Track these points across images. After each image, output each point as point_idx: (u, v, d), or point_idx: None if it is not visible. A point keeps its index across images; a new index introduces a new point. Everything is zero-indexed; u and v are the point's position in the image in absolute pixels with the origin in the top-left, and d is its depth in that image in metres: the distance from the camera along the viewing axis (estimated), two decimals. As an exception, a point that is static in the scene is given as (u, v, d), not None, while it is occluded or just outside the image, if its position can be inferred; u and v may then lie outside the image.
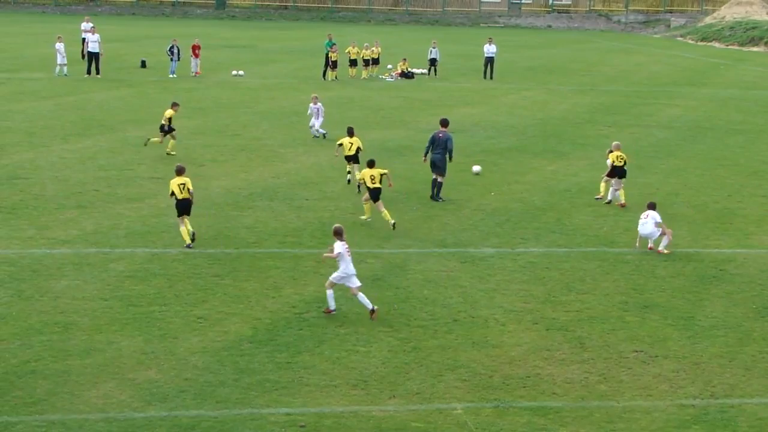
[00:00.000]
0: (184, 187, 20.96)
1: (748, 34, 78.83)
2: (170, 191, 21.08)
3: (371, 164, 23.27)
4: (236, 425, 13.57)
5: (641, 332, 17.44)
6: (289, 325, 17.15)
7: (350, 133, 26.73)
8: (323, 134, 33.35)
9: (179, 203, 21.00)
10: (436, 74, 52.61)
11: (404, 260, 20.92)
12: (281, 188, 26.67)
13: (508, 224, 23.96)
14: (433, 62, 52.99)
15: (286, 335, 16.68)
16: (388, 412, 14.18)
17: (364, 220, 23.43)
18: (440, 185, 25.77)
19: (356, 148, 26.38)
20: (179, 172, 21.24)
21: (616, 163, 25.86)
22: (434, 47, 53.03)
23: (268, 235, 22.33)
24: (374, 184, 22.89)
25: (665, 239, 22.03)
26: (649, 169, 30.88)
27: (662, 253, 21.91)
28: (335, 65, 49.58)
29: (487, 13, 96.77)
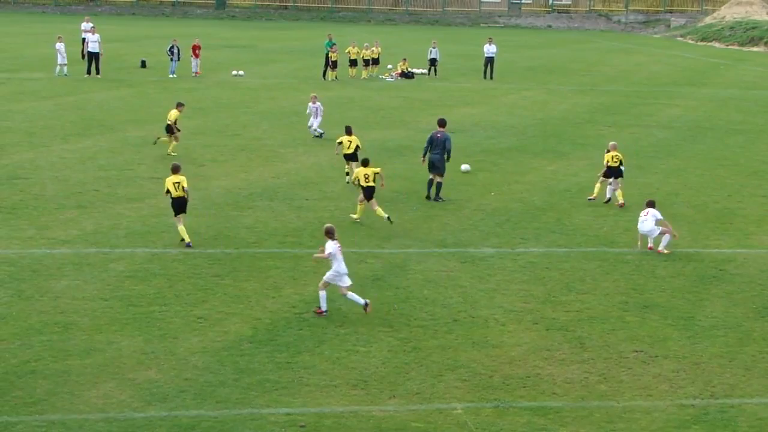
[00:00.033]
0: (179, 185, 21.08)
1: (748, 34, 78.85)
2: (165, 189, 21.25)
3: (365, 163, 23.36)
4: (236, 425, 13.57)
5: (641, 332, 17.44)
6: (289, 325, 17.15)
7: (348, 131, 26.76)
8: (320, 134, 33.37)
9: (174, 201, 21.14)
10: (436, 74, 52.61)
11: (404, 260, 20.92)
12: (281, 188, 26.67)
13: (508, 224, 23.97)
14: (433, 62, 52.98)
15: (286, 335, 16.68)
16: (388, 412, 14.18)
17: (354, 219, 23.42)
18: (440, 185, 25.76)
19: (355, 146, 26.42)
20: (175, 170, 21.40)
21: (610, 163, 25.84)
22: (434, 47, 53.03)
23: (268, 235, 22.33)
24: (368, 182, 22.97)
25: (665, 239, 22.02)
26: (649, 169, 30.89)
27: (662, 253, 21.91)
28: (335, 65, 49.58)
29: (487, 13, 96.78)
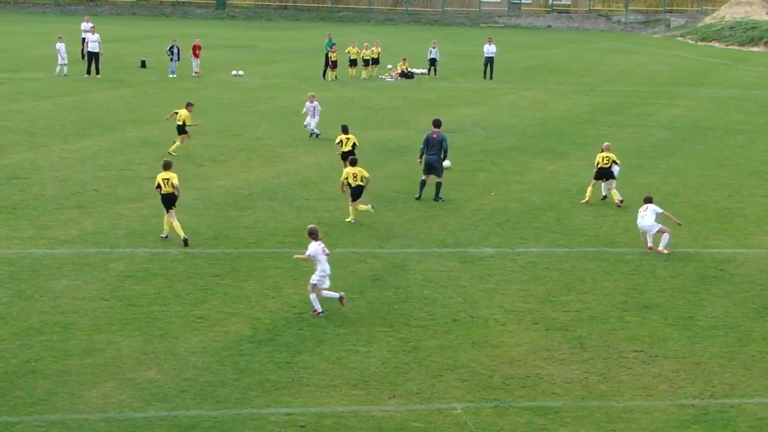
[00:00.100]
0: (168, 181, 21.34)
1: (748, 34, 78.85)
2: (156, 184, 21.58)
3: (353, 163, 23.41)
4: (236, 425, 13.57)
5: (641, 332, 17.44)
6: (289, 325, 17.15)
7: (345, 131, 26.78)
8: (316, 134, 33.36)
9: (164, 198, 21.46)
10: (436, 74, 52.60)
11: (404, 260, 20.92)
12: (281, 188, 26.67)
13: (508, 224, 23.96)
14: (433, 62, 52.98)
15: (286, 335, 16.68)
16: (388, 412, 14.18)
17: (349, 221, 23.41)
18: (439, 185, 25.74)
19: (352, 143, 26.46)
20: (166, 167, 21.66)
21: (601, 164, 25.81)
22: (434, 47, 53.02)
23: (268, 235, 22.33)
24: (356, 182, 23.04)
25: (664, 238, 22.01)
26: (649, 169, 30.88)
27: (662, 253, 21.91)
28: (335, 65, 49.57)
29: (487, 13, 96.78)
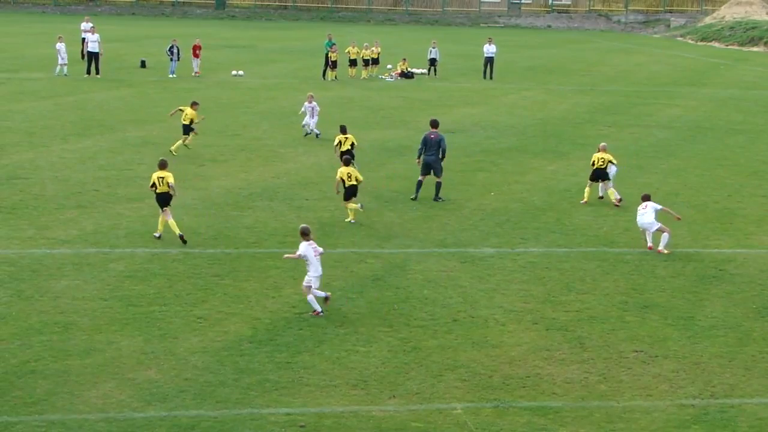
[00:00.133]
0: (163, 180, 21.41)
1: (748, 34, 78.86)
2: (150, 182, 21.64)
3: (347, 162, 23.47)
4: (236, 425, 13.57)
5: (641, 332, 17.44)
6: (289, 325, 17.15)
7: (343, 131, 26.78)
8: (316, 134, 33.38)
9: (158, 196, 21.52)
10: (436, 74, 52.60)
11: (404, 260, 20.92)
12: (281, 188, 26.68)
13: (508, 224, 23.96)
14: (432, 62, 52.98)
15: (286, 335, 16.68)
16: (388, 412, 14.18)
17: (349, 221, 23.41)
18: (439, 185, 25.75)
19: (350, 143, 26.46)
20: (162, 166, 21.71)
21: (597, 164, 25.79)
22: (434, 47, 53.01)
23: (268, 235, 22.32)
24: (350, 181, 23.09)
25: (664, 237, 22.01)
26: (649, 169, 30.88)
27: (662, 252, 21.90)
28: (335, 65, 49.57)
29: (487, 13, 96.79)
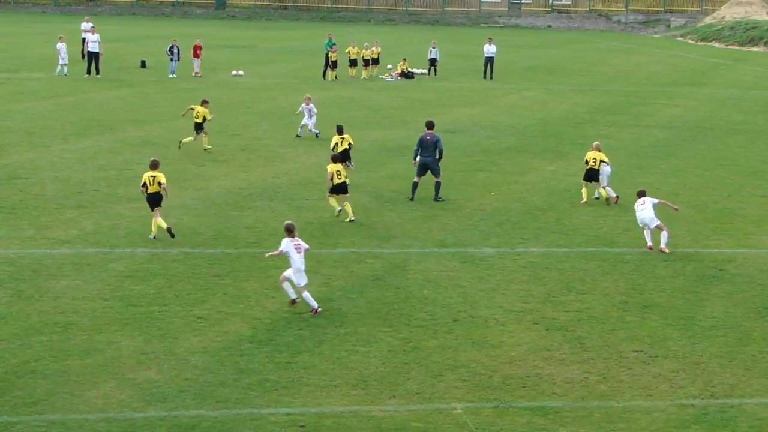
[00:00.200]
0: (154, 180, 21.40)
1: (748, 34, 78.85)
2: (142, 182, 21.59)
3: (335, 159, 23.59)
4: (236, 425, 13.57)
5: (641, 332, 17.43)
6: (289, 325, 17.15)
7: (339, 131, 26.77)
8: (316, 134, 33.38)
9: (149, 196, 21.50)
10: (436, 74, 52.60)
11: (404, 260, 20.91)
12: (281, 188, 26.67)
13: (508, 224, 23.96)
14: (433, 62, 52.98)
15: (286, 335, 16.68)
16: (388, 412, 14.17)
17: (349, 219, 23.44)
18: (438, 185, 25.75)
19: (347, 143, 26.44)
20: (153, 166, 21.69)
21: (590, 164, 25.77)
22: (434, 47, 53.02)
23: (268, 235, 22.30)
24: (339, 179, 23.15)
25: (664, 236, 21.99)
26: (649, 169, 30.88)
27: (664, 251, 21.88)
28: (335, 65, 49.57)
29: (487, 13, 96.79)
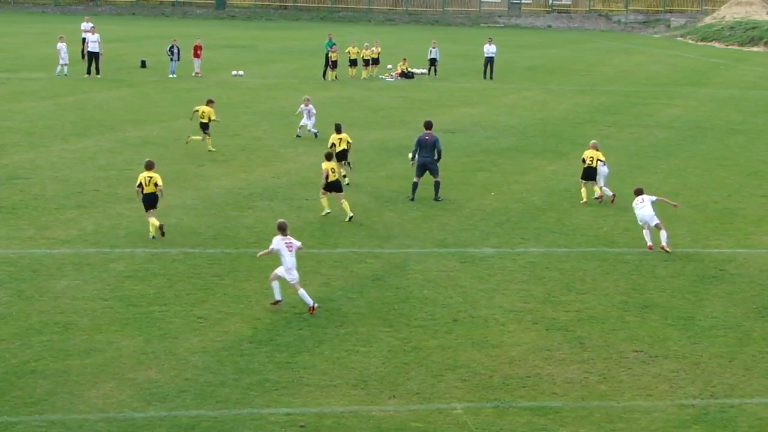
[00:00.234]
0: (150, 180, 21.41)
1: (748, 34, 78.84)
2: (137, 182, 21.58)
3: (329, 157, 23.59)
4: (236, 425, 13.57)
5: (641, 332, 17.43)
6: (289, 325, 17.15)
7: (338, 130, 26.72)
8: (315, 133, 33.38)
9: (145, 197, 21.51)
10: (436, 74, 52.60)
11: (404, 260, 20.91)
12: (281, 188, 26.67)
13: (508, 224, 23.96)
14: (433, 62, 52.97)
15: (286, 335, 16.68)
16: (388, 412, 14.17)
17: (348, 219, 23.46)
18: (438, 184, 25.75)
19: (346, 142, 26.43)
20: (148, 167, 21.69)
21: (588, 163, 25.75)
22: (434, 47, 53.01)
23: (268, 235, 22.20)
24: (334, 176, 23.24)
25: (663, 234, 21.99)
26: (649, 169, 30.88)
27: (665, 249, 21.86)
28: (335, 65, 49.57)
29: (487, 13, 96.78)
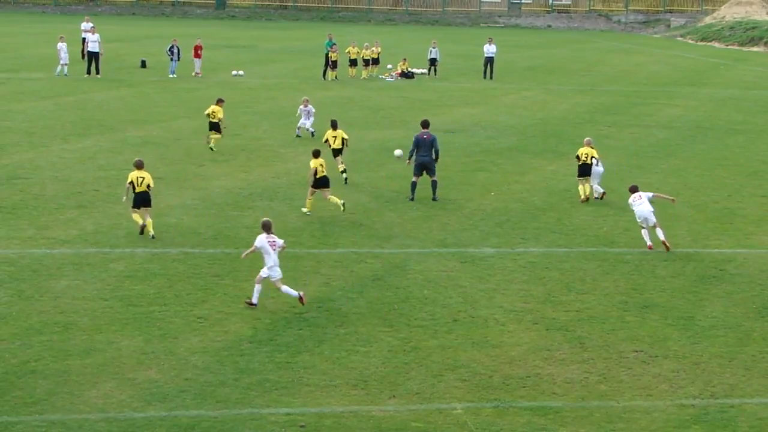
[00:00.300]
0: (143, 181, 21.42)
1: (748, 34, 78.84)
2: (128, 180, 21.54)
3: (317, 154, 23.69)
4: (236, 425, 13.57)
5: (641, 332, 17.44)
6: (289, 325, 17.15)
7: (334, 126, 26.71)
8: (312, 132, 33.40)
9: (137, 196, 21.52)
10: (436, 74, 52.59)
11: (404, 260, 20.91)
12: (281, 188, 26.67)
13: (508, 224, 23.96)
14: (433, 62, 52.96)
15: (286, 335, 16.68)
16: (388, 412, 14.18)
17: (341, 207, 23.52)
18: (435, 183, 25.75)
19: (341, 139, 26.42)
20: (138, 166, 21.72)
21: (583, 159, 25.74)
22: (434, 47, 53.00)
23: (268, 235, 22.30)
24: (322, 172, 23.37)
25: (660, 232, 21.96)
26: (649, 169, 30.88)
27: (666, 244, 21.84)
28: (335, 65, 49.56)
29: (487, 13, 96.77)
